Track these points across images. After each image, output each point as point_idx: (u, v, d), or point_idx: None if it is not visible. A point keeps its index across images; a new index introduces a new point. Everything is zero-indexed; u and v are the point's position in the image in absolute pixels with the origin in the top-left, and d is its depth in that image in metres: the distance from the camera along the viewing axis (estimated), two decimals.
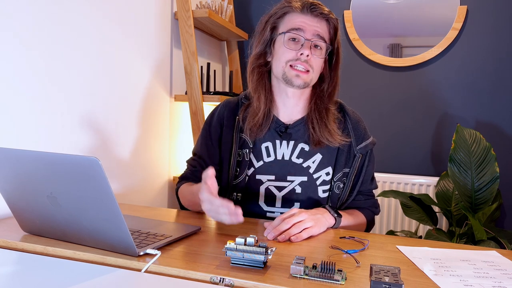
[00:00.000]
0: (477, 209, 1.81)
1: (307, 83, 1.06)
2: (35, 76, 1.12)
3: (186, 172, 1.21)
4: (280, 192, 1.10)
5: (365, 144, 1.12)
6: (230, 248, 0.71)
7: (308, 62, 1.03)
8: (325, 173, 1.10)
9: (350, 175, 1.11)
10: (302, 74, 1.04)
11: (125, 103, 1.50)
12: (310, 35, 1.03)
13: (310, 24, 1.04)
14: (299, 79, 1.04)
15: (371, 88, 2.26)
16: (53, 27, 1.16)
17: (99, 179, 0.68)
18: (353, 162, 1.11)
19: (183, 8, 1.77)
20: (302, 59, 1.03)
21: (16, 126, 1.07)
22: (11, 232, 0.87)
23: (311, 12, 1.04)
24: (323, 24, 1.06)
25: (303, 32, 1.03)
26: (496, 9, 2.04)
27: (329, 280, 0.66)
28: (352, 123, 1.13)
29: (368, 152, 1.13)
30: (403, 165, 2.22)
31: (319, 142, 1.08)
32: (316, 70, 1.06)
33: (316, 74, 1.07)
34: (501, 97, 2.05)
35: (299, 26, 1.04)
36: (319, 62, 1.06)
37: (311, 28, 1.04)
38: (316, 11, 1.04)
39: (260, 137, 1.11)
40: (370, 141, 1.13)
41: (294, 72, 1.04)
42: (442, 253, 0.83)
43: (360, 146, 1.11)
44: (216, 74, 2.26)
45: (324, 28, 1.06)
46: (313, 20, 1.04)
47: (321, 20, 1.05)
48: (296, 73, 1.04)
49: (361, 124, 1.14)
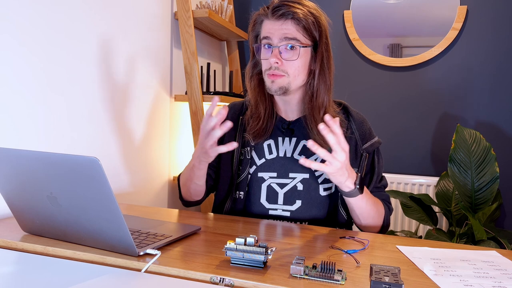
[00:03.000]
0: (477, 209, 1.81)
1: (284, 87, 1.03)
2: (35, 76, 1.12)
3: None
4: (282, 189, 1.10)
5: (371, 143, 1.11)
6: (230, 248, 0.71)
7: (280, 68, 1.02)
8: None
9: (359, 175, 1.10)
10: (276, 79, 1.02)
11: (125, 103, 1.50)
12: (277, 40, 1.01)
13: (276, 28, 1.01)
14: (274, 85, 1.03)
15: (371, 88, 2.26)
16: (52, 27, 1.16)
17: (99, 179, 0.68)
18: (361, 161, 1.10)
19: (183, 8, 1.77)
20: (273, 67, 1.02)
21: (16, 126, 1.07)
22: (11, 232, 0.87)
23: (274, 15, 1.01)
24: (288, 24, 1.01)
25: (271, 39, 1.02)
26: (496, 9, 2.04)
27: (329, 280, 0.66)
28: (356, 124, 1.12)
29: (375, 150, 1.12)
30: (403, 165, 2.22)
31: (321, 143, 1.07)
32: (293, 74, 1.03)
33: (295, 77, 1.03)
34: (501, 97, 2.05)
35: (267, 34, 1.03)
36: (295, 64, 1.02)
37: (277, 32, 1.01)
38: (277, 13, 1.01)
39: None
40: (375, 140, 1.12)
41: (269, 79, 1.04)
42: (442, 253, 0.83)
43: (366, 145, 1.10)
44: (216, 74, 2.26)
45: (291, 28, 1.01)
46: (278, 23, 1.01)
47: (286, 20, 1.01)
48: (271, 79, 1.03)
49: (366, 125, 1.13)
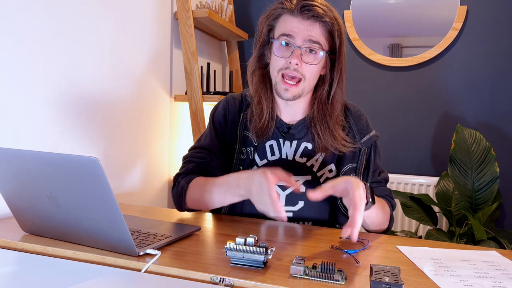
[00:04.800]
0: (477, 209, 1.81)
1: (297, 96, 1.01)
2: (35, 76, 1.12)
3: (190, 166, 1.10)
4: (284, 191, 1.09)
5: (369, 137, 1.10)
6: (230, 248, 0.71)
7: (298, 70, 0.99)
8: (328, 170, 1.09)
9: (359, 169, 1.08)
10: (291, 88, 1.00)
11: (125, 103, 1.50)
12: (300, 41, 0.97)
13: (301, 28, 0.97)
14: (288, 93, 1.01)
15: (371, 88, 2.26)
16: (52, 27, 1.16)
17: (99, 179, 0.68)
18: (359, 156, 1.08)
19: (183, 8, 1.77)
20: (291, 67, 0.98)
21: (15, 126, 1.07)
22: (11, 232, 0.87)
23: (301, 14, 0.97)
24: (316, 27, 0.98)
25: (294, 38, 0.98)
26: (496, 9, 2.04)
27: (329, 280, 0.66)
28: (354, 117, 1.11)
29: (373, 144, 1.11)
30: (403, 165, 2.22)
31: (325, 148, 1.06)
32: (308, 78, 1.01)
33: (309, 82, 1.02)
34: (501, 97, 2.05)
35: (289, 32, 0.98)
36: (312, 69, 1.00)
37: (302, 33, 0.97)
38: (307, 13, 0.97)
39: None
40: (373, 133, 1.11)
41: (283, 86, 1.00)
42: (442, 253, 0.83)
43: (364, 139, 1.09)
44: (216, 74, 2.26)
45: (317, 31, 0.98)
46: (305, 23, 0.97)
47: (314, 22, 0.97)
48: (285, 86, 1.00)
49: (363, 118, 1.12)
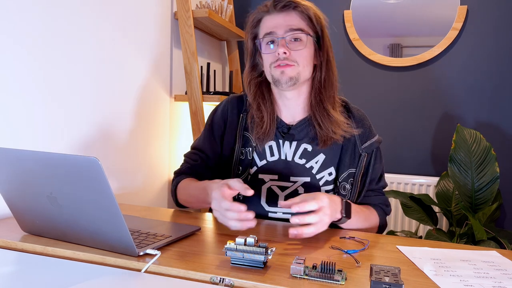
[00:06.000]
0: (477, 209, 1.81)
1: (294, 77, 1.02)
2: (35, 76, 1.12)
3: (184, 167, 1.19)
4: (282, 192, 1.09)
5: (370, 143, 1.09)
6: (230, 248, 0.71)
7: (289, 59, 1.01)
8: (328, 173, 1.09)
9: (357, 175, 1.07)
10: (285, 69, 1.01)
11: (125, 103, 1.50)
12: (282, 32, 1.01)
13: (280, 21, 1.02)
14: (284, 76, 1.01)
15: (371, 88, 2.26)
16: (52, 27, 1.16)
17: (99, 179, 0.68)
18: (359, 161, 1.07)
19: (183, 8, 1.77)
20: (281, 57, 1.00)
21: (15, 126, 1.06)
22: (10, 232, 0.87)
23: (276, 9, 1.02)
24: (293, 16, 1.02)
25: (276, 33, 1.02)
26: (496, 9, 2.04)
27: (329, 280, 0.66)
28: (356, 121, 1.10)
29: (374, 150, 1.10)
30: (403, 165, 2.22)
31: (326, 139, 1.06)
32: (302, 63, 1.02)
33: (304, 67, 1.03)
34: (501, 97, 2.05)
35: (270, 29, 1.02)
36: (303, 53, 1.02)
37: (281, 24, 1.01)
38: (280, 5, 1.02)
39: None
40: (375, 139, 1.10)
41: (278, 70, 1.02)
42: (442, 253, 0.83)
43: (365, 145, 1.08)
44: (216, 74, 2.26)
45: (296, 18, 1.02)
46: (281, 16, 1.02)
47: (289, 11, 1.02)
48: (280, 69, 1.01)
49: (366, 122, 1.11)
